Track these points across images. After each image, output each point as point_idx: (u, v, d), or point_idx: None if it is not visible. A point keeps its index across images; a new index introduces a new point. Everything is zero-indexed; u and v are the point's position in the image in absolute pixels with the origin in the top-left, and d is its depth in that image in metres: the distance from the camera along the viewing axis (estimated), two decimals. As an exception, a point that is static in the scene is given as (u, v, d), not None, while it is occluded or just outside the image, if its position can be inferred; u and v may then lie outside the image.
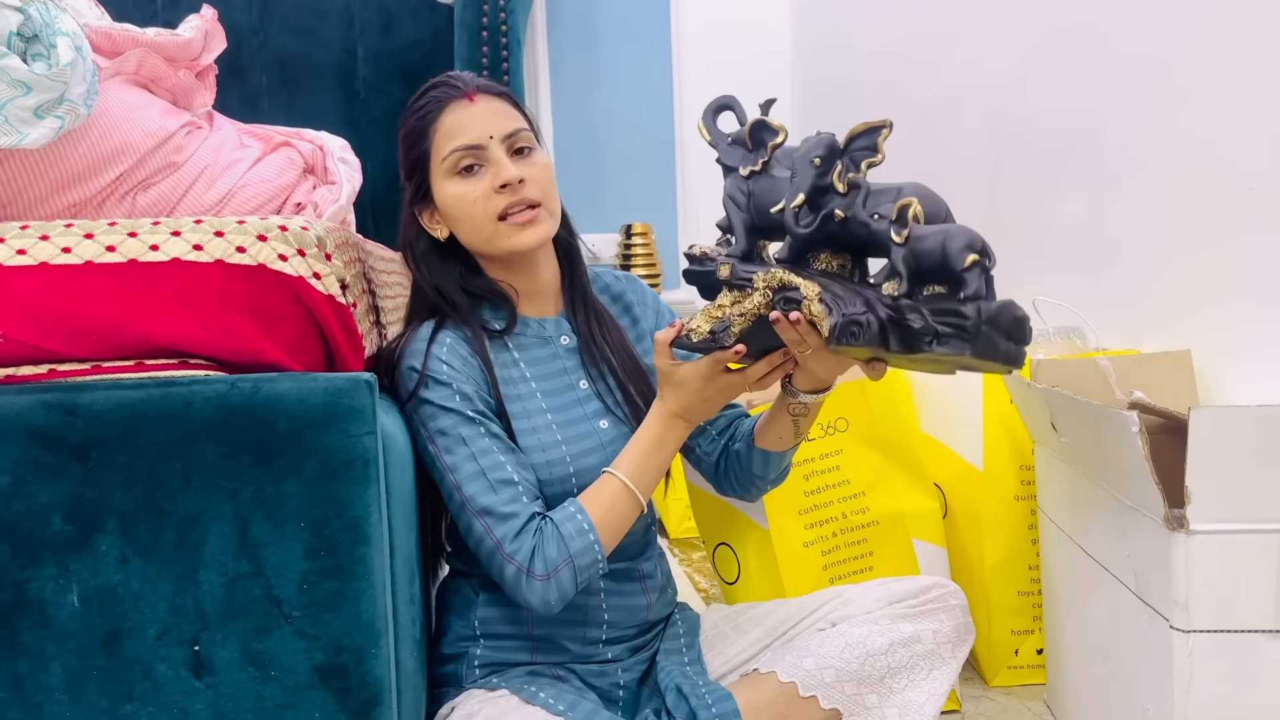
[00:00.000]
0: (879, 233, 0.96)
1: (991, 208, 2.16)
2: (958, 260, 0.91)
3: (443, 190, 1.16)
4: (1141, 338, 1.61)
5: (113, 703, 0.93)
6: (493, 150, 1.14)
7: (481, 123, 1.14)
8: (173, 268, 0.92)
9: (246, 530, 0.93)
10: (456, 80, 1.17)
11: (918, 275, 0.94)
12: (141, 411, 0.90)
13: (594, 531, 1.07)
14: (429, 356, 1.12)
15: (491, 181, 1.13)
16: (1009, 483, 1.55)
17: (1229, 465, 0.93)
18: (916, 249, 0.94)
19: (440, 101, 1.15)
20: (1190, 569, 0.94)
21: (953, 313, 0.92)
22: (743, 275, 1.05)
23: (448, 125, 1.15)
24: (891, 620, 1.20)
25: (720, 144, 1.10)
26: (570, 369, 1.22)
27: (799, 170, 1.00)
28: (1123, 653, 1.10)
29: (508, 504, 1.07)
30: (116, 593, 0.92)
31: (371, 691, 0.96)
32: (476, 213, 1.14)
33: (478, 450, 1.09)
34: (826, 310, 0.97)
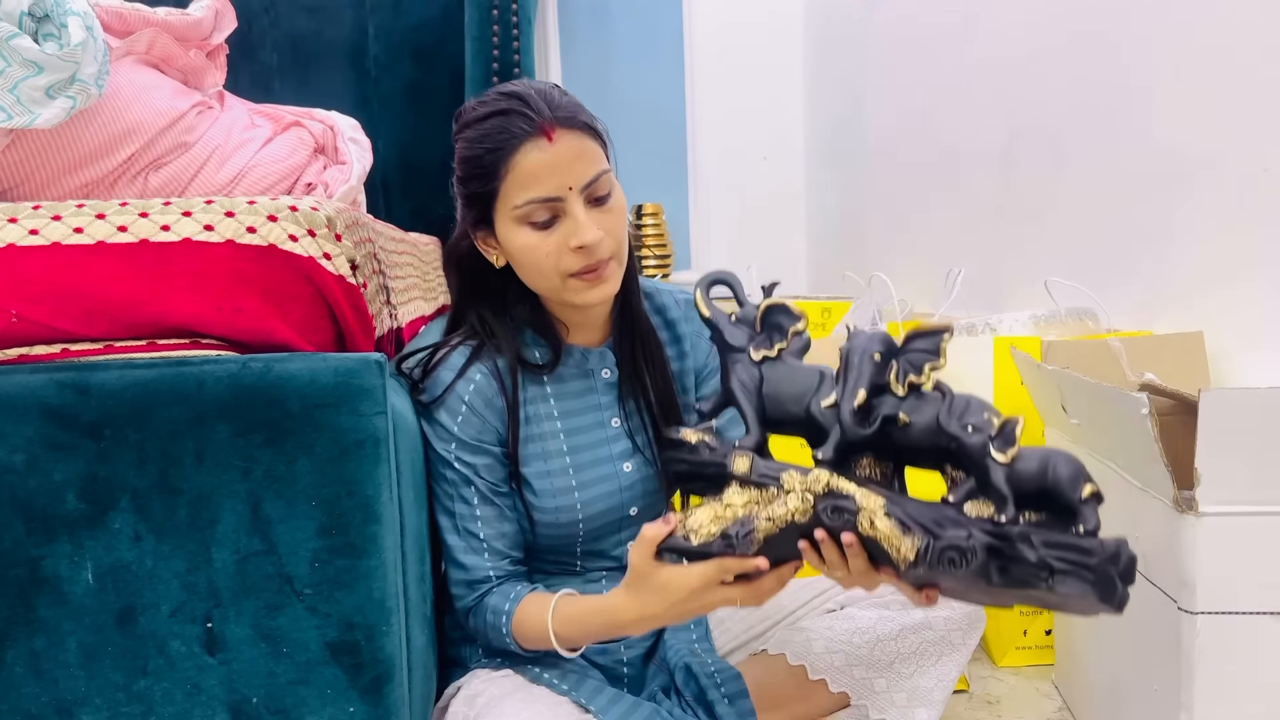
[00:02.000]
0: (972, 446, 0.84)
1: (1005, 186, 2.15)
2: (1072, 489, 0.81)
3: (510, 236, 1.06)
4: (1154, 319, 1.61)
5: (127, 678, 0.94)
6: (571, 203, 1.03)
7: (562, 171, 1.02)
8: (184, 248, 0.93)
9: (258, 508, 0.94)
10: (533, 108, 1.02)
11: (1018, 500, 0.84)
12: (154, 391, 0.91)
13: (511, 637, 1.07)
14: (451, 392, 1.09)
15: (566, 239, 1.03)
16: (1019, 464, 1.54)
17: (1239, 447, 0.93)
18: (1013, 470, 0.83)
19: (514, 137, 1.02)
20: (1199, 551, 0.94)
21: (1072, 547, 0.81)
22: (768, 473, 0.93)
23: (523, 169, 1.02)
24: (902, 605, 1.20)
25: (722, 321, 0.99)
26: (605, 404, 1.17)
27: (855, 365, 0.90)
28: (1130, 633, 1.11)
29: (465, 554, 1.09)
30: (130, 570, 0.93)
31: (383, 668, 0.97)
32: (546, 267, 1.05)
33: (458, 496, 1.09)
34: (901, 529, 0.86)
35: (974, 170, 2.29)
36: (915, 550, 0.85)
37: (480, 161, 1.04)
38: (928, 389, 0.88)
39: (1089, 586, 0.80)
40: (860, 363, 0.89)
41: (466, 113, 1.08)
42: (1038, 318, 1.64)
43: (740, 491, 0.94)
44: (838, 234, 3.29)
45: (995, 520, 0.83)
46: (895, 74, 2.77)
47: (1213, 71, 1.46)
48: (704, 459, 0.97)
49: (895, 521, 0.86)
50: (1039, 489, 0.82)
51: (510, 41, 2.31)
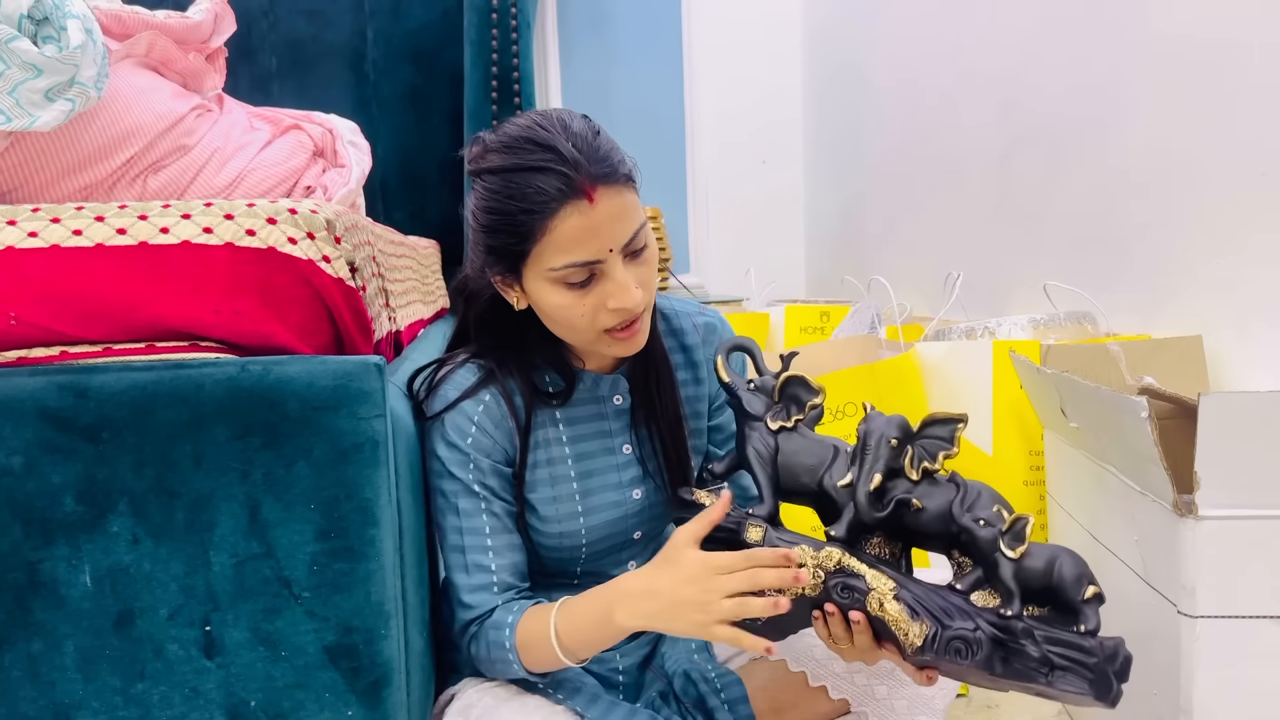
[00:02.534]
0: (983, 540, 0.88)
1: (1003, 190, 2.15)
2: (1076, 590, 0.86)
3: (542, 294, 1.01)
4: (1153, 323, 1.61)
5: (125, 682, 0.94)
6: (611, 264, 0.98)
7: (603, 234, 0.97)
8: (183, 250, 0.92)
9: (257, 512, 0.93)
10: (573, 163, 0.95)
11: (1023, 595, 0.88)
12: (153, 393, 0.91)
13: (514, 653, 1.03)
14: (458, 410, 1.06)
15: (604, 299, 0.99)
16: (1018, 468, 1.54)
17: (1238, 451, 0.93)
18: (1020, 566, 0.87)
19: (551, 200, 0.95)
20: (1198, 554, 0.94)
21: (1073, 645, 0.85)
22: (780, 545, 0.95)
23: (563, 234, 0.96)
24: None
25: (740, 388, 1.01)
26: (616, 430, 1.16)
27: (873, 449, 0.93)
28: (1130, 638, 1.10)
29: (470, 592, 1.06)
30: (128, 573, 0.93)
31: (381, 672, 0.97)
32: (581, 325, 1.02)
33: (466, 527, 1.06)
34: (910, 614, 0.89)
35: (972, 174, 2.29)
36: (923, 637, 0.88)
37: (512, 220, 0.97)
38: (942, 475, 0.92)
39: (1086, 684, 0.84)
40: (877, 446, 0.92)
41: (490, 153, 1.00)
42: (1036, 321, 1.64)
43: None
44: (836, 238, 3.29)
45: (1001, 613, 0.87)
46: (893, 79, 2.78)
47: (1211, 77, 1.46)
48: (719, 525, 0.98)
49: (904, 606, 0.89)
50: (1044, 586, 0.86)
51: (509, 46, 2.31)
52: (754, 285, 2.66)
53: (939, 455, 0.92)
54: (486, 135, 1.02)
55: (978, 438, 1.57)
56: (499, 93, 2.30)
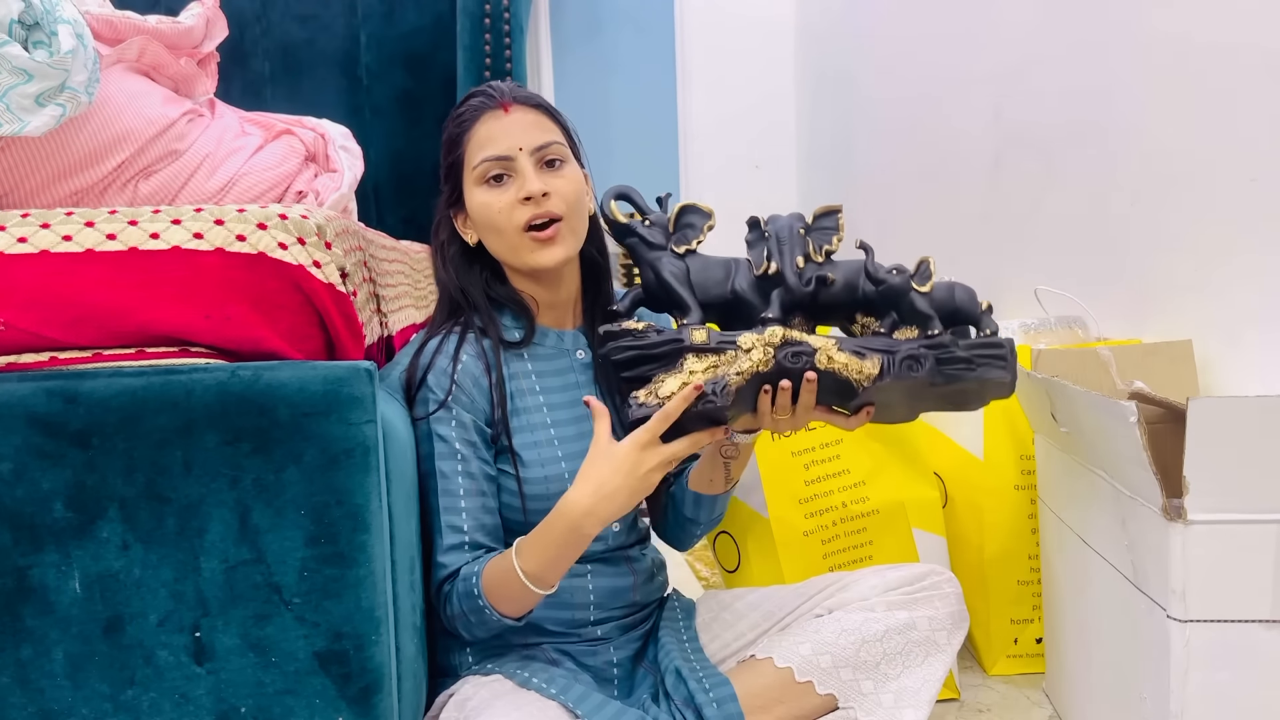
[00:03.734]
0: (899, 285, 1.06)
1: (994, 195, 2.15)
2: (974, 305, 1.08)
3: (472, 197, 1.18)
4: (1143, 327, 1.61)
5: (114, 688, 0.94)
6: (520, 162, 1.15)
7: (513, 134, 1.16)
8: (173, 256, 0.92)
9: (247, 517, 0.93)
10: (494, 90, 1.18)
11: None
12: (142, 399, 0.91)
13: (483, 598, 1.08)
14: (438, 371, 1.15)
15: (516, 193, 1.15)
16: (1009, 472, 1.55)
17: (1227, 455, 0.93)
18: (930, 298, 1.07)
19: (476, 110, 1.17)
20: (1187, 559, 0.94)
21: (986, 345, 1.06)
22: (724, 339, 1.06)
23: (481, 134, 1.17)
24: (887, 607, 1.21)
25: (637, 226, 1.12)
26: (582, 383, 1.24)
27: (787, 239, 1.09)
28: (1120, 642, 1.11)
29: (444, 553, 1.11)
30: (118, 579, 0.93)
31: (372, 678, 0.97)
32: (501, 222, 1.16)
33: (443, 489, 1.12)
34: (857, 356, 1.05)
35: (965, 178, 2.29)
36: (879, 366, 1.04)
37: (452, 136, 1.19)
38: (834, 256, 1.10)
39: (1005, 370, 1.05)
40: (790, 236, 1.09)
41: (450, 112, 1.22)
42: (1027, 326, 1.64)
43: (698, 360, 1.06)
44: (829, 242, 3.29)
45: (929, 334, 1.06)
46: (886, 84, 2.78)
47: (1201, 83, 1.46)
48: (655, 340, 1.08)
49: (849, 352, 1.05)
50: (949, 310, 1.07)
51: (502, 50, 2.32)
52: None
53: (833, 239, 1.10)
54: None
55: (969, 442, 1.57)
56: (492, 97, 2.30)
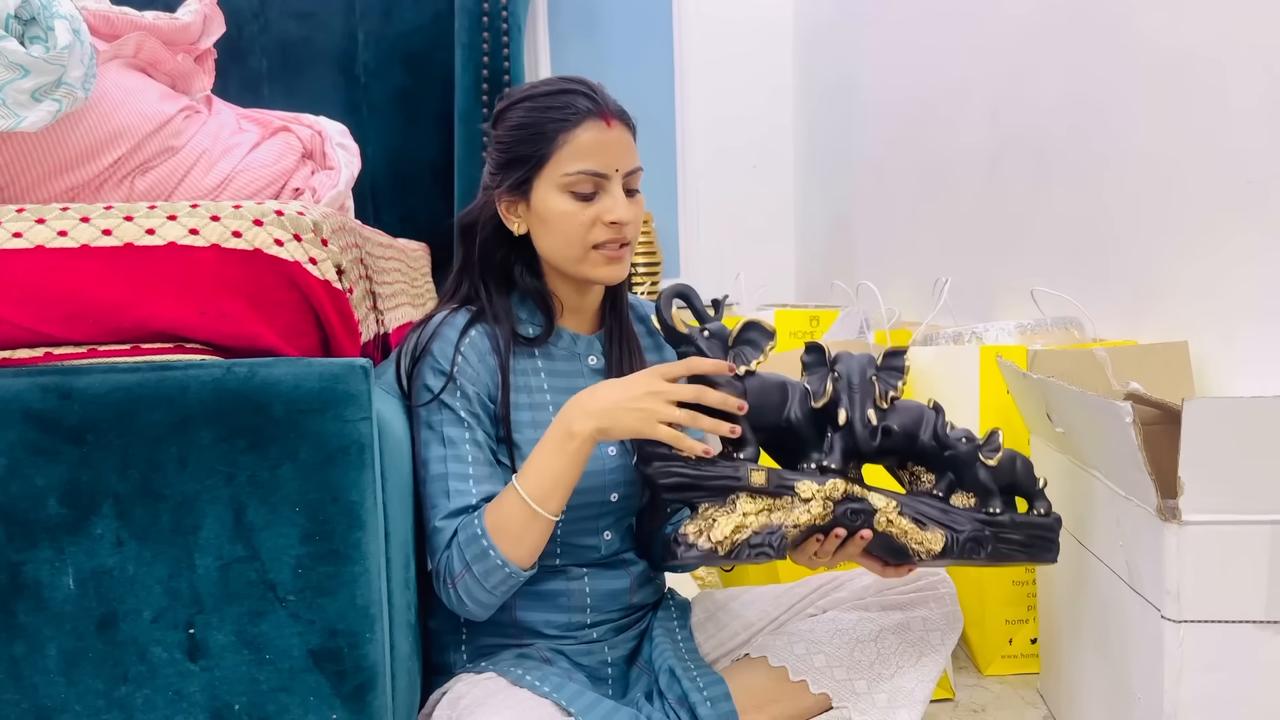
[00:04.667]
0: (966, 453, 1.05)
1: (992, 196, 2.16)
2: (1031, 481, 1.09)
3: (548, 200, 1.13)
4: (1139, 329, 1.61)
5: (108, 685, 0.94)
6: (613, 183, 1.13)
7: (613, 153, 1.13)
8: (169, 252, 0.92)
9: (242, 514, 0.93)
10: (600, 96, 1.14)
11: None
12: (137, 395, 0.90)
13: (488, 537, 1.05)
14: (443, 339, 1.13)
15: (602, 213, 1.12)
16: (1005, 472, 1.55)
17: (1222, 456, 0.93)
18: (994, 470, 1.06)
19: (579, 112, 1.12)
20: (1182, 559, 0.94)
21: (1039, 525, 1.08)
22: (783, 484, 1.03)
23: (582, 142, 1.12)
24: (881, 608, 1.21)
25: (698, 338, 1.07)
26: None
27: (858, 386, 1.05)
28: (1114, 642, 1.11)
29: (448, 517, 1.09)
30: (112, 575, 0.92)
31: (366, 675, 0.97)
32: (576, 236, 1.13)
33: (450, 455, 1.11)
34: (917, 525, 1.04)
35: (961, 180, 2.29)
36: (942, 543, 1.04)
37: (540, 127, 1.12)
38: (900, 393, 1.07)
39: (1051, 552, 1.08)
40: (862, 384, 1.05)
41: (521, 90, 1.16)
42: (1024, 327, 1.64)
43: (752, 501, 1.03)
44: (826, 243, 3.29)
45: (989, 512, 1.06)
46: (883, 85, 2.78)
47: (1197, 85, 1.46)
48: (709, 473, 1.04)
49: (911, 519, 1.04)
50: (1008, 482, 1.07)
51: (500, 48, 2.31)
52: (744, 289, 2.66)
53: (899, 384, 1.06)
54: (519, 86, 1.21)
55: (965, 442, 1.57)
56: (490, 95, 2.30)
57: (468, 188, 2.29)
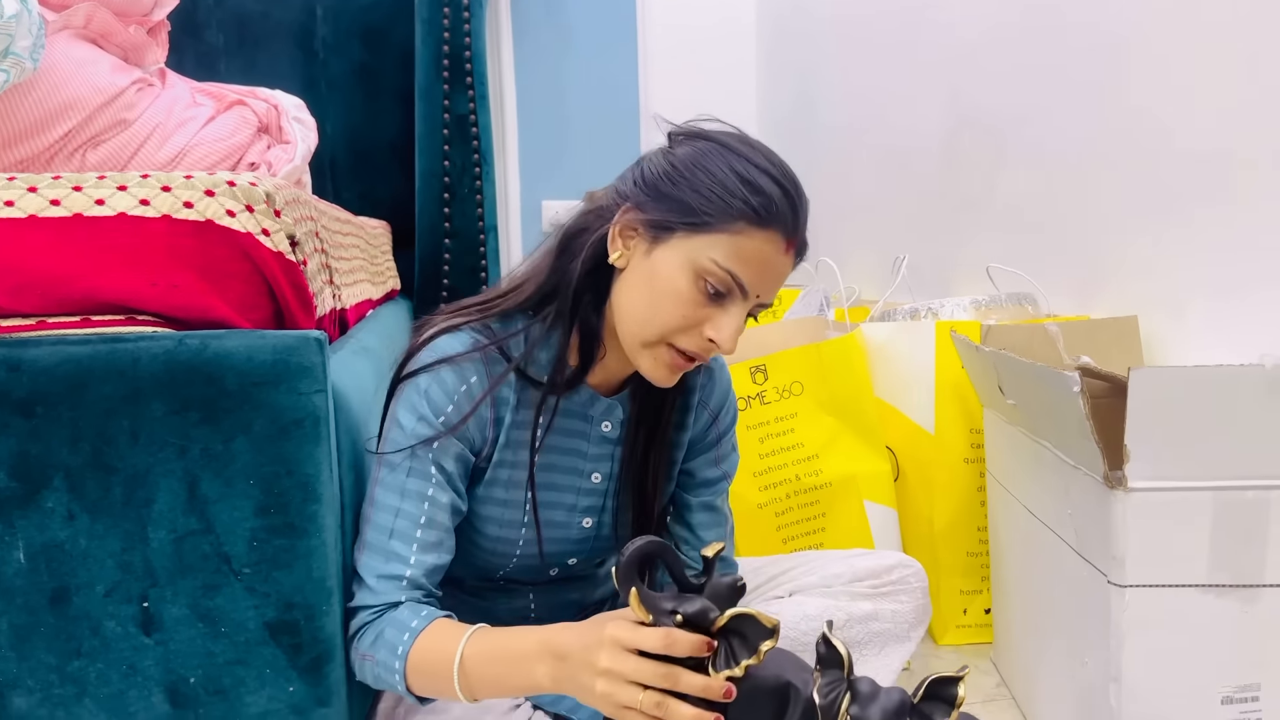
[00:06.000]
0: None
1: (950, 175, 2.18)
2: None
3: (672, 268, 0.94)
4: (1092, 305, 1.64)
5: (61, 659, 0.93)
6: (741, 305, 0.95)
7: (770, 278, 0.95)
8: (119, 222, 0.91)
9: (195, 487, 0.93)
10: (801, 217, 0.95)
11: None
12: (88, 367, 0.90)
13: (402, 664, 0.94)
14: (438, 384, 0.99)
15: (710, 323, 0.94)
16: (959, 446, 1.57)
17: (1167, 425, 0.95)
18: None
19: (774, 217, 0.92)
20: (1128, 526, 0.96)
21: None
22: None
23: (749, 250, 0.92)
24: (851, 598, 1.21)
25: (660, 619, 0.82)
26: (592, 456, 1.09)
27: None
28: (1064, 608, 1.13)
29: (378, 579, 0.98)
30: (64, 549, 0.92)
31: (323, 648, 0.97)
32: (666, 320, 0.95)
33: (402, 510, 0.98)
34: None
35: (921, 160, 2.31)
36: None
37: (727, 198, 0.91)
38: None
39: None
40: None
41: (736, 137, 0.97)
42: (979, 303, 1.66)
43: None
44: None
45: None
46: (845, 66, 2.79)
47: (1147, 64, 1.48)
48: None
49: None
50: None
51: (461, 25, 2.30)
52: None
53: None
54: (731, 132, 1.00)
55: (921, 417, 1.59)
56: (450, 72, 2.28)
57: (428, 165, 2.28)
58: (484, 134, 2.29)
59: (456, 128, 2.27)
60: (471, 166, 2.31)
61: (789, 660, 0.85)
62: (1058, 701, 1.18)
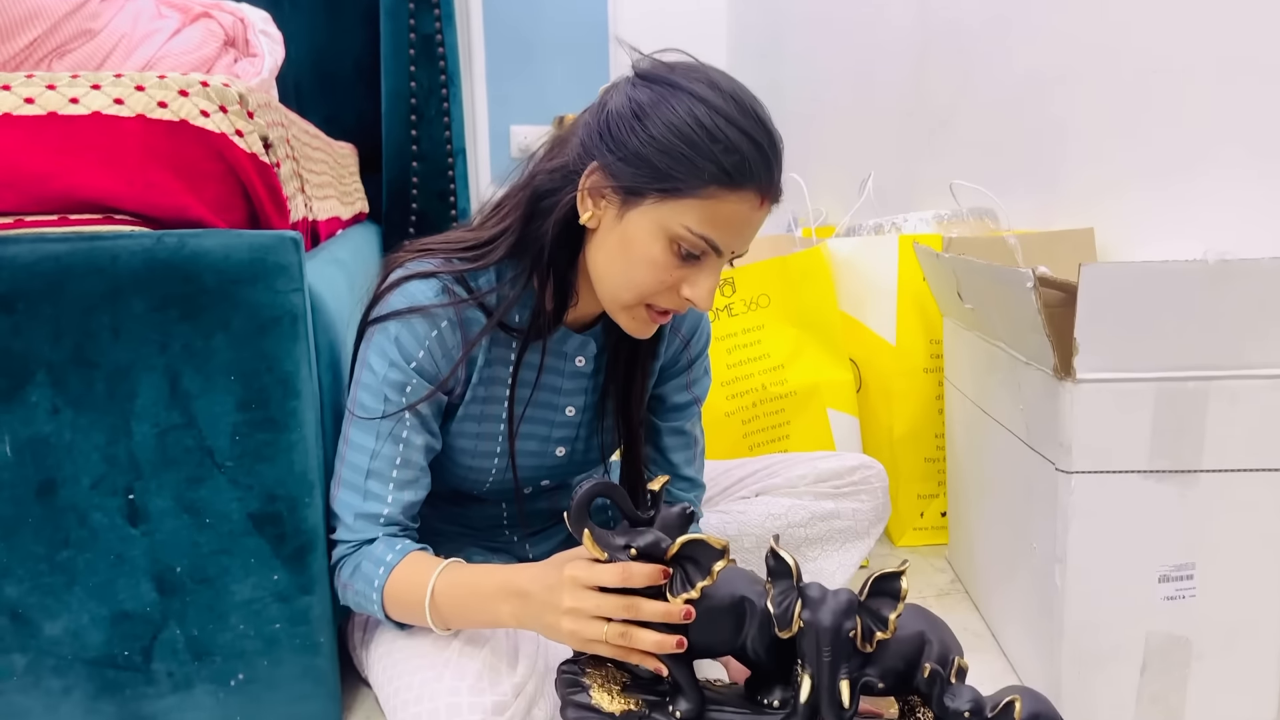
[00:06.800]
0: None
1: (919, 93, 2.20)
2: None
3: (643, 234, 0.92)
4: (1052, 220, 1.68)
5: (49, 549, 0.96)
6: (717, 263, 0.94)
7: (741, 235, 0.93)
8: (93, 121, 0.92)
9: (177, 383, 0.95)
10: (776, 168, 0.91)
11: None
12: (67, 265, 0.91)
13: (379, 594, 0.97)
14: (408, 329, 0.98)
15: (686, 284, 0.93)
16: (919, 356, 1.62)
17: (1115, 318, 0.99)
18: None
19: (747, 176, 0.88)
20: (1075, 415, 1.01)
21: None
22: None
23: (723, 213, 0.89)
24: (814, 497, 1.26)
25: (615, 554, 0.85)
26: (565, 390, 1.09)
27: (829, 648, 0.83)
28: (1014, 499, 1.18)
29: (356, 516, 0.99)
30: (49, 443, 0.94)
31: (306, 538, 1.00)
32: (645, 287, 0.94)
33: (376, 451, 0.99)
34: None
35: (890, 76, 2.33)
36: None
37: (696, 160, 0.87)
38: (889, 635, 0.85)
39: None
40: (835, 645, 0.83)
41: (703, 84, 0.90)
42: (941, 217, 1.70)
43: None
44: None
45: None
46: (812, -14, 2.79)
47: (1108, -25, 1.51)
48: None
49: None
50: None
51: (425, -59, 2.27)
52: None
53: (890, 617, 0.84)
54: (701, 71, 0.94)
55: (883, 328, 1.64)
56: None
57: (394, 86, 2.27)
58: (450, 54, 2.28)
59: (422, 47, 2.26)
60: (438, 88, 2.30)
61: (742, 577, 0.89)
62: (1007, 586, 1.24)
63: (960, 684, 0.85)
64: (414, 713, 0.90)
